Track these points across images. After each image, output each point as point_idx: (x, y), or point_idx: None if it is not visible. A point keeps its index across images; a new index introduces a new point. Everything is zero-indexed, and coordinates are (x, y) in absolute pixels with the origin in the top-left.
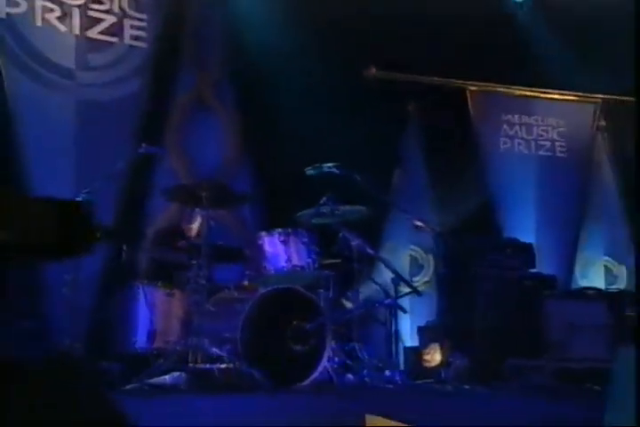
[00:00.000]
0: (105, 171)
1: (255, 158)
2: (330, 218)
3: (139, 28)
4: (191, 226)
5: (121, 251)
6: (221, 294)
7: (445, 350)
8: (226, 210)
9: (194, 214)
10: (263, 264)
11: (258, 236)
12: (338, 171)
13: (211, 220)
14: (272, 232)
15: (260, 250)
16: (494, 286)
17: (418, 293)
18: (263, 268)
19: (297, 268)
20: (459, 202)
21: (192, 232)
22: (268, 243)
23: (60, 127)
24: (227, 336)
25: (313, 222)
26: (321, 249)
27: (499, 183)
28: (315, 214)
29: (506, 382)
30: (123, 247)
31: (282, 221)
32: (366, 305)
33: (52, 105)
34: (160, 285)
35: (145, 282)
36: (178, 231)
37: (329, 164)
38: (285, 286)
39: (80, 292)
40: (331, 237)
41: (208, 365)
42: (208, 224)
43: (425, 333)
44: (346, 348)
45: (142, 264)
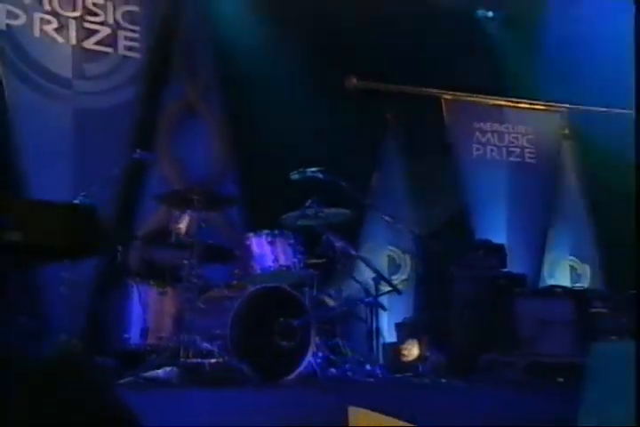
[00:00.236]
0: (102, 175)
1: (243, 163)
2: (314, 220)
3: (132, 39)
4: (179, 226)
5: (116, 252)
6: (212, 293)
7: (423, 346)
8: (216, 212)
9: (182, 215)
10: (251, 264)
11: (246, 237)
12: (321, 175)
13: (201, 222)
14: (259, 233)
15: (248, 250)
16: (469, 285)
17: (398, 291)
18: (251, 267)
19: (283, 267)
20: (434, 205)
21: (181, 231)
22: (256, 244)
23: (58, 134)
24: (217, 332)
25: (298, 224)
26: (306, 250)
27: (472, 187)
28: (300, 217)
29: (480, 375)
30: (117, 248)
31: (269, 222)
32: (348, 303)
33: (51, 113)
34: (153, 283)
35: (138, 281)
36: (167, 231)
37: (313, 168)
38: (272, 285)
39: (77, 290)
40: (315, 238)
41: (199, 360)
42: (199, 226)
43: (402, 329)
44: (329, 343)
45: (136, 264)
